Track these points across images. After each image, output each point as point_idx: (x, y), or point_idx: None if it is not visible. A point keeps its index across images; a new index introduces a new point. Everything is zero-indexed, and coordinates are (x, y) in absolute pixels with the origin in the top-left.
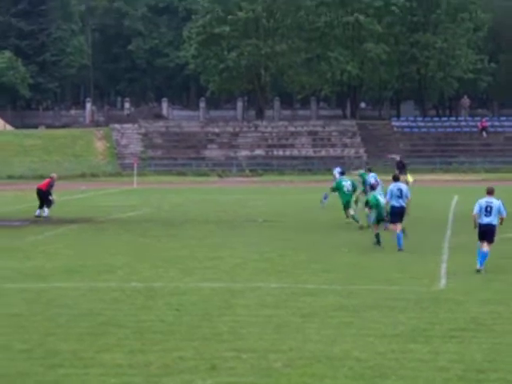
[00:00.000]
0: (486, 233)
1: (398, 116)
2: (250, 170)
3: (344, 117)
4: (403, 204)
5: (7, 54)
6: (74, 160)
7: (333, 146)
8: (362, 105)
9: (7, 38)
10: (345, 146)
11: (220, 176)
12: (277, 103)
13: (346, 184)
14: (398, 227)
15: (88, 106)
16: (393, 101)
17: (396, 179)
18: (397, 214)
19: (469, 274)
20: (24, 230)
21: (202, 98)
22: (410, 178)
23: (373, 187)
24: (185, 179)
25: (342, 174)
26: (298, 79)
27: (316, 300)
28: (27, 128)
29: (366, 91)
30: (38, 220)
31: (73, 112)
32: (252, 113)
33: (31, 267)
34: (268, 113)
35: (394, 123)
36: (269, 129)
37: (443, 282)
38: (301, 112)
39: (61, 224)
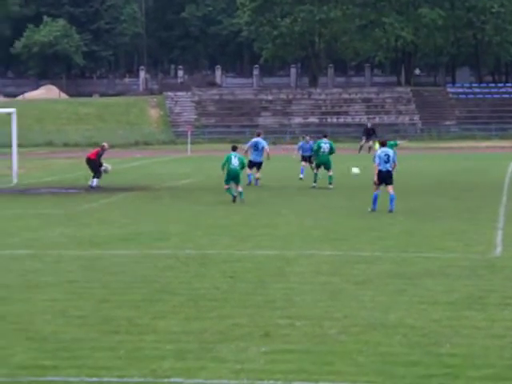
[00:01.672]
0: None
1: (454, 82)
2: (303, 138)
3: (398, 83)
4: (389, 168)
5: (61, 22)
6: (128, 128)
7: (387, 113)
8: (417, 71)
9: (61, 6)
10: (399, 113)
11: (274, 143)
12: (330, 70)
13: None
14: (390, 189)
15: (142, 74)
16: (448, 67)
17: (383, 145)
18: (385, 178)
19: None
20: (79, 197)
21: (256, 66)
22: (376, 145)
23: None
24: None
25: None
26: (352, 46)
27: (370, 267)
28: (81, 96)
29: (421, 57)
30: (92, 189)
31: (127, 80)
32: (306, 80)
33: (87, 234)
34: (322, 80)
35: (449, 89)
36: (322, 96)
37: (499, 249)
38: (355, 79)
39: (115, 192)
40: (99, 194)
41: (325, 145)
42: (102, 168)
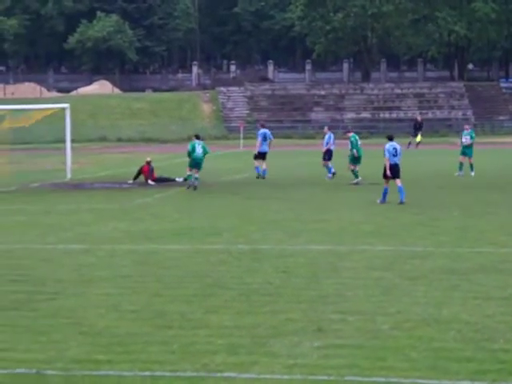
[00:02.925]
0: None
1: (507, 77)
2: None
3: (451, 78)
4: (397, 162)
5: (114, 17)
6: (180, 123)
7: (440, 108)
8: (470, 66)
9: (114, 2)
10: (452, 107)
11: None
12: (383, 65)
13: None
14: (398, 182)
15: (194, 69)
16: (501, 61)
17: (391, 139)
18: (394, 171)
19: None
20: (133, 192)
21: (308, 60)
22: (418, 138)
23: None
24: (291, 142)
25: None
26: (405, 40)
27: (423, 263)
28: (135, 91)
29: (474, 52)
30: (150, 184)
31: (179, 75)
32: (358, 75)
33: (140, 229)
34: (374, 75)
35: (502, 84)
36: (375, 91)
37: None
38: (407, 74)
39: (169, 187)
40: (153, 189)
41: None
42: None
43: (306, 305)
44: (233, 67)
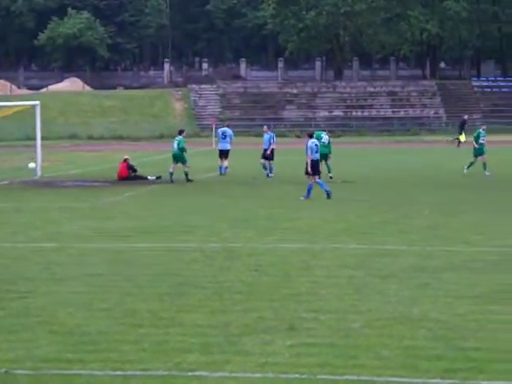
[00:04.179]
0: None
1: (479, 76)
2: (329, 131)
3: (423, 77)
4: (319, 158)
5: (86, 14)
6: (152, 121)
7: (412, 106)
8: (442, 64)
9: None
10: (424, 106)
11: (298, 137)
12: (355, 63)
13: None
14: (316, 178)
15: (166, 66)
16: (473, 60)
17: (311, 136)
18: (317, 166)
19: None
20: (104, 190)
21: (281, 58)
22: (463, 137)
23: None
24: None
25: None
26: (377, 39)
27: (395, 261)
28: (106, 89)
29: (446, 50)
30: (118, 182)
31: (151, 73)
32: (330, 73)
33: (111, 227)
34: (347, 73)
35: (474, 83)
36: (347, 89)
37: None
38: (380, 72)
39: (140, 185)
40: (124, 188)
41: (325, 136)
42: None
43: (278, 303)
44: (205, 65)
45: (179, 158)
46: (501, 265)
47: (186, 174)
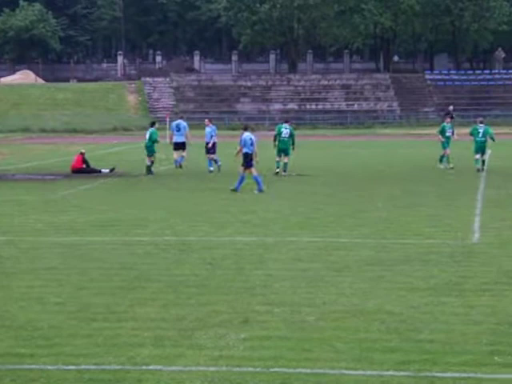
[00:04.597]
0: None
1: (432, 69)
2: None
3: (377, 70)
4: (251, 151)
5: (38, 6)
6: (105, 114)
7: (366, 99)
8: (396, 58)
9: None
10: (378, 99)
11: (253, 130)
12: (309, 56)
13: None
14: (254, 171)
15: (119, 59)
16: (426, 53)
17: (246, 129)
18: (250, 160)
19: (502, 228)
20: (57, 183)
21: (235, 51)
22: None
23: None
24: (218, 133)
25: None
26: (331, 32)
27: (349, 254)
28: (59, 81)
29: (400, 44)
30: (72, 175)
31: (104, 65)
32: (284, 66)
33: (64, 221)
34: (301, 66)
35: (427, 76)
36: (301, 82)
37: (477, 235)
38: (333, 65)
39: (94, 178)
40: (78, 181)
41: (285, 130)
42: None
43: (232, 296)
44: (158, 57)
45: (148, 149)
46: (455, 257)
47: (148, 167)
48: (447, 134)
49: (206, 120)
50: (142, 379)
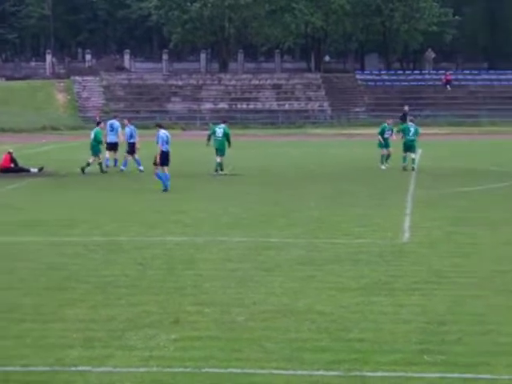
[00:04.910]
0: None
1: (363, 69)
2: (214, 124)
3: (308, 70)
4: (169, 149)
5: None
6: (34, 112)
7: (297, 99)
8: (327, 58)
9: None
10: (309, 99)
11: (183, 129)
12: (240, 56)
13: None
14: (166, 169)
15: (48, 57)
16: (357, 54)
17: (161, 126)
18: (166, 158)
19: (432, 228)
20: None
21: (165, 50)
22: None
23: None
24: (148, 132)
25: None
26: (262, 31)
27: (280, 254)
28: None
29: (331, 43)
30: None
31: (33, 64)
32: (215, 65)
33: None
34: (232, 65)
35: (358, 76)
36: (232, 82)
37: (406, 235)
38: (265, 65)
39: (22, 178)
40: (5, 180)
41: (219, 129)
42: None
43: (162, 297)
44: (88, 56)
45: (92, 149)
46: (385, 257)
47: (86, 165)
48: (386, 135)
49: (126, 120)
50: (70, 381)
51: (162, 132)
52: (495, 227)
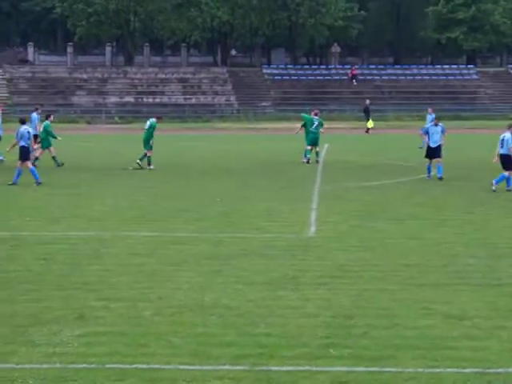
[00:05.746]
0: None
1: (269, 63)
2: (120, 118)
3: (215, 64)
4: (27, 145)
5: None
6: None
7: (203, 93)
8: (233, 52)
9: None
10: (215, 93)
11: (89, 123)
12: (146, 49)
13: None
14: (29, 164)
15: None
16: (264, 48)
17: (23, 122)
18: (27, 153)
19: (338, 221)
20: None
21: (70, 43)
22: (370, 123)
23: None
24: (53, 126)
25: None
26: (168, 25)
27: (186, 248)
28: None
29: (237, 38)
30: None
31: None
32: (121, 59)
33: None
34: (137, 59)
35: (264, 70)
36: (138, 75)
37: (313, 229)
38: (171, 59)
39: None
40: None
41: (148, 122)
42: None
43: (67, 292)
44: None
45: (43, 141)
46: (291, 251)
47: (53, 157)
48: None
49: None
50: None
51: (24, 128)
52: (400, 221)
